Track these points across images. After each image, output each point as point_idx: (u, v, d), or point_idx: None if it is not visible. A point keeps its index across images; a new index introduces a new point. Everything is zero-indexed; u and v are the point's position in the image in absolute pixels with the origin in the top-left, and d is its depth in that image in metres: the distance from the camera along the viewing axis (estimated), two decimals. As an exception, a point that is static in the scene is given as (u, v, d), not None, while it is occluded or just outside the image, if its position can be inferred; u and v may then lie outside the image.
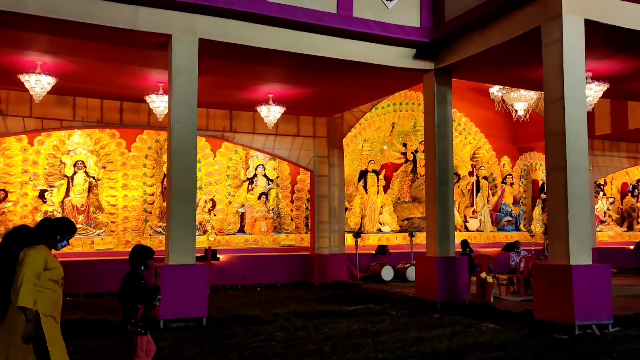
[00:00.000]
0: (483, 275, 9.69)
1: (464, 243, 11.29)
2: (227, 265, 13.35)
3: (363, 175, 16.34)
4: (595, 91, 9.35)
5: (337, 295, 11.08)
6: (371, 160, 16.49)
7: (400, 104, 17.12)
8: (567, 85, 7.09)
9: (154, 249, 4.81)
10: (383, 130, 16.93)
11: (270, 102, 11.02)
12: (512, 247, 15.81)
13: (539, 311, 7.27)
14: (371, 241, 15.74)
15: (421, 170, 17.66)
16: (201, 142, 14.49)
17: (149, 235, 13.92)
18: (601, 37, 8.07)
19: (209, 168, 14.84)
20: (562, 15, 7.09)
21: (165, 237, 7.93)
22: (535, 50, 7.63)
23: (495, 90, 13.16)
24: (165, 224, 14.22)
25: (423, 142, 17.42)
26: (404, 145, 17.21)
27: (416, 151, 17.37)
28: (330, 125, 14.11)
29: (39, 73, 9.18)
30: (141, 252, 4.59)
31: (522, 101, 13.20)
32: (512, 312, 8.26)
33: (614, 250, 18.53)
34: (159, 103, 10.10)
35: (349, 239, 14.70)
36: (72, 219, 13.45)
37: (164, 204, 14.37)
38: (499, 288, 10.85)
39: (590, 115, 17.30)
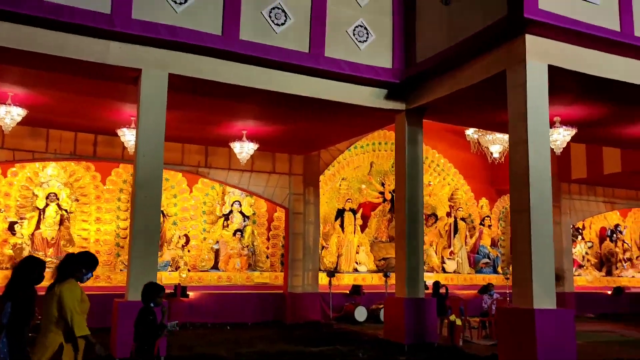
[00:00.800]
0: (452, 318, 9.57)
1: (436, 284, 11.19)
2: (197, 303, 13.07)
3: (340, 213, 16.30)
4: (563, 135, 9.48)
5: (306, 336, 10.84)
6: (349, 199, 16.48)
7: (380, 143, 17.26)
8: (531, 129, 7.18)
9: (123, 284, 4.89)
10: (362, 169, 17.01)
11: (244, 138, 11.03)
12: (486, 289, 15.73)
13: (504, 356, 7.15)
14: (346, 280, 15.55)
15: (399, 210, 17.71)
16: (177, 177, 14.43)
17: (120, 270, 13.65)
18: (567, 83, 8.24)
19: (185, 203, 14.72)
20: (526, 61, 7.24)
21: (126, 272, 7.74)
22: (502, 93, 7.76)
23: (470, 132, 13.33)
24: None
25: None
26: (382, 184, 17.26)
27: (394, 191, 17.37)
28: (307, 163, 14.14)
29: (10, 104, 9.14)
30: (151, 289, 4.89)
31: (497, 144, 13.38)
32: (479, 356, 8.12)
33: (592, 295, 18.49)
34: (130, 137, 10.07)
35: (324, 278, 14.53)
36: (42, 252, 13.26)
37: (137, 238, 14.18)
38: (470, 331, 10.70)
39: (566, 160, 17.70)
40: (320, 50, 8.99)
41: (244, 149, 10.80)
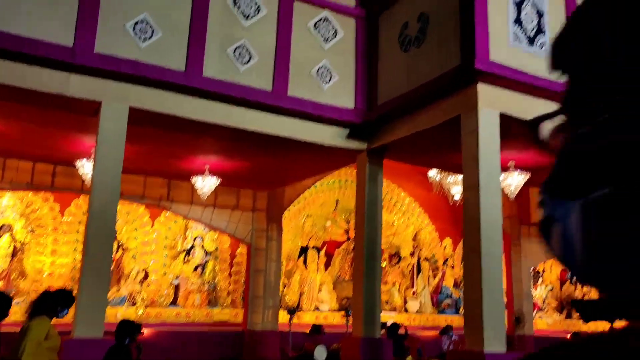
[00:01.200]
0: (409, 359, 9.55)
1: (393, 326, 11.18)
2: (152, 340, 12.72)
3: (304, 251, 16.25)
4: (517, 179, 9.77)
5: (262, 376, 10.63)
6: (312, 237, 16.47)
7: (346, 180, 17.39)
8: (483, 175, 7.39)
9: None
10: (327, 206, 17.07)
11: (207, 173, 11.03)
12: (446, 330, 15.77)
13: (455, 399, 7.15)
14: (308, 319, 15.40)
15: (363, 248, 17.78)
16: (139, 210, 14.25)
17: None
18: (519, 129, 8.55)
19: (146, 237, 14.49)
20: (478, 108, 7.51)
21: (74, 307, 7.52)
22: (458, 137, 7.99)
23: (433, 173, 13.61)
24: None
25: (366, 221, 17.82)
26: (348, 222, 17.33)
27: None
28: (271, 199, 14.15)
29: (-35, 132, 8.99)
30: (126, 326, 5.01)
31: (459, 185, 13.68)
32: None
33: (552, 338, 18.68)
34: (88, 168, 9.97)
35: (284, 316, 14.35)
36: None
37: (94, 272, 13.83)
38: (428, 373, 10.68)
39: (526, 203, 18.14)
40: (284, 89, 9.16)
41: (205, 184, 10.78)
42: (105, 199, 7.60)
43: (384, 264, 17.80)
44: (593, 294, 21.72)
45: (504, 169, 9.87)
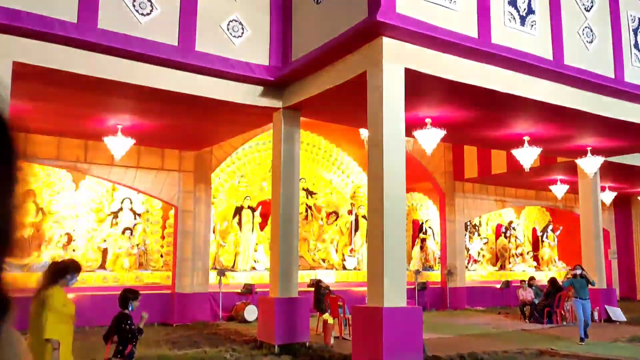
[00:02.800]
0: (325, 316, 9.61)
1: (316, 282, 11.22)
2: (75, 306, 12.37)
3: (238, 211, 16.05)
4: (434, 137, 9.73)
5: (185, 337, 10.55)
6: (247, 197, 16.25)
7: (282, 141, 17.12)
8: (386, 131, 7.27)
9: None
10: (263, 166, 16.81)
11: (119, 133, 10.55)
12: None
13: (357, 354, 7.23)
14: (244, 279, 15.34)
15: (299, 207, 17.69)
16: (61, 172, 13.64)
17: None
18: (430, 86, 8.44)
19: (70, 200, 13.96)
20: (382, 63, 7.32)
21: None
22: (365, 94, 7.82)
23: (364, 131, 13.50)
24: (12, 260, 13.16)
25: (302, 180, 17.68)
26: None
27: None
28: (198, 160, 13.78)
29: None
30: (127, 295, 5.25)
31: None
32: (341, 354, 8.19)
33: (483, 289, 19.33)
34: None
35: (217, 278, 14.24)
36: None
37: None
38: (350, 329, 10.78)
39: (460, 160, 18.36)
40: (191, 44, 8.72)
41: (118, 145, 10.31)
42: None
43: (320, 222, 17.84)
44: (524, 247, 22.43)
45: (421, 125, 9.81)
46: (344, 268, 17.79)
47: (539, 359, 8.51)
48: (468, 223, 20.46)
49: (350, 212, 18.34)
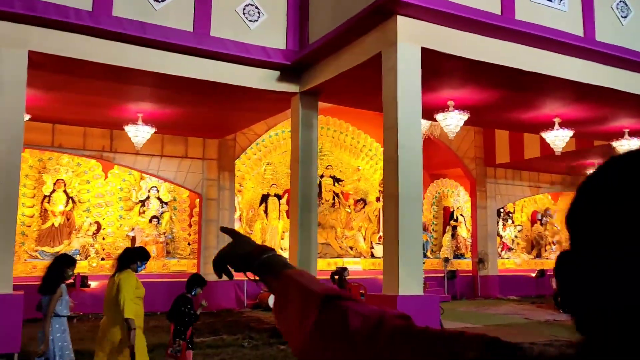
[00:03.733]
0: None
1: (335, 271, 11.05)
2: (101, 293, 12.61)
3: (265, 199, 16.03)
4: (456, 120, 9.39)
5: (207, 325, 10.59)
6: (273, 184, 16.20)
7: (309, 128, 16.97)
8: (401, 113, 7.01)
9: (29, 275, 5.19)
10: (289, 153, 16.70)
11: (139, 122, 10.59)
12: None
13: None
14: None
15: (326, 195, 17.54)
16: (91, 162, 13.87)
17: (25, 260, 13.09)
18: (452, 66, 8.12)
19: (99, 189, 14.19)
20: (397, 43, 7.05)
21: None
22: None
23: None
24: (43, 248, 13.54)
25: (329, 167, 17.51)
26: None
27: (322, 176, 17.23)
28: (222, 148, 13.77)
29: None
30: (194, 280, 5.54)
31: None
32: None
33: (517, 277, 18.81)
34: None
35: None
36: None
37: (43, 226, 13.62)
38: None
39: (491, 145, 17.82)
40: (206, 29, 8.62)
41: (139, 133, 10.36)
42: (7, 148, 7.22)
43: (348, 210, 17.65)
44: (562, 235, 21.68)
45: (443, 108, 9.48)
46: (372, 256, 17.58)
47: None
48: (501, 210, 19.92)
49: (378, 199, 18.08)
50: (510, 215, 21.07)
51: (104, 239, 14.16)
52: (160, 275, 14.00)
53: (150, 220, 14.47)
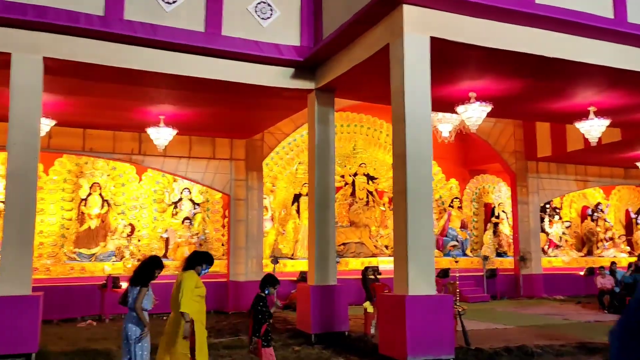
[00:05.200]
0: (365, 304, 9.21)
1: (365, 270, 10.79)
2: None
3: (297, 198, 15.94)
4: (478, 112, 8.95)
5: (231, 325, 10.59)
6: (305, 184, 16.09)
7: (342, 125, 16.76)
8: (409, 106, 6.72)
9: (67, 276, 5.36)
10: (321, 152, 16.57)
11: (162, 124, 10.70)
12: (445, 274, 15.29)
13: (383, 345, 6.79)
14: (303, 267, 15.24)
15: (360, 193, 17.28)
16: (125, 165, 14.18)
17: (64, 261, 13.53)
18: (465, 56, 7.74)
19: (134, 192, 14.49)
20: (404, 34, 6.76)
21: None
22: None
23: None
24: (80, 250, 13.94)
25: (362, 165, 17.25)
26: (344, 167, 16.84)
27: (355, 174, 17.01)
28: (249, 148, 13.76)
29: None
30: (267, 280, 5.73)
31: (446, 123, 12.88)
32: (372, 343, 7.77)
33: (563, 276, 17.90)
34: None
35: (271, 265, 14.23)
36: None
37: (81, 229, 14.03)
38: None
39: (531, 137, 17.05)
40: (217, 29, 8.60)
41: (160, 135, 10.47)
42: (23, 154, 7.41)
43: (383, 208, 17.31)
44: (615, 231, 20.48)
45: (464, 100, 9.08)
46: (409, 255, 17.16)
47: (600, 355, 7.58)
48: (547, 206, 19.03)
49: (414, 197, 17.65)
50: (557, 211, 20.09)
51: (139, 240, 14.44)
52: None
53: (183, 222, 14.65)
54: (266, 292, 5.65)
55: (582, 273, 17.90)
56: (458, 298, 9.41)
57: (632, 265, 13.51)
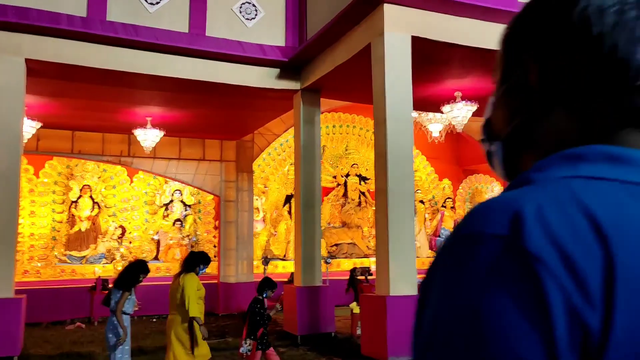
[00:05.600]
0: (351, 305, 9.18)
1: (352, 271, 10.78)
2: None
3: (289, 199, 15.91)
4: (464, 111, 8.94)
5: (219, 327, 10.56)
6: (297, 185, 16.08)
7: (334, 126, 16.77)
8: (390, 106, 6.71)
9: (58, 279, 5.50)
10: (313, 153, 16.57)
11: (148, 125, 10.67)
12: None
13: (365, 346, 6.77)
14: (291, 268, 15.21)
15: (352, 194, 17.26)
16: (116, 168, 14.16)
17: (55, 264, 13.49)
18: (449, 55, 7.73)
19: (125, 194, 14.46)
20: (384, 33, 6.75)
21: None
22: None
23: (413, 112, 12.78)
24: (71, 252, 13.92)
25: (354, 165, 17.23)
26: (336, 168, 16.83)
27: (347, 175, 16.99)
28: (240, 149, 13.74)
29: None
30: (265, 283, 5.78)
31: (436, 122, 12.87)
32: (356, 344, 7.74)
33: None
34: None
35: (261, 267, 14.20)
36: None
37: (71, 231, 13.99)
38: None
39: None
40: (201, 29, 8.58)
41: (147, 137, 10.44)
42: (5, 157, 7.38)
43: (375, 208, 17.29)
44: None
45: (450, 100, 9.07)
46: (402, 255, 17.16)
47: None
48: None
49: (407, 198, 17.65)
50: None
51: (130, 242, 14.41)
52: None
53: (174, 224, 14.63)
54: (264, 295, 5.72)
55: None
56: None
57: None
